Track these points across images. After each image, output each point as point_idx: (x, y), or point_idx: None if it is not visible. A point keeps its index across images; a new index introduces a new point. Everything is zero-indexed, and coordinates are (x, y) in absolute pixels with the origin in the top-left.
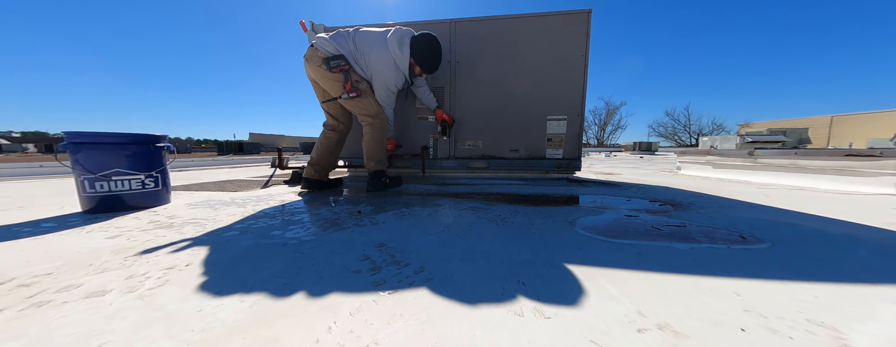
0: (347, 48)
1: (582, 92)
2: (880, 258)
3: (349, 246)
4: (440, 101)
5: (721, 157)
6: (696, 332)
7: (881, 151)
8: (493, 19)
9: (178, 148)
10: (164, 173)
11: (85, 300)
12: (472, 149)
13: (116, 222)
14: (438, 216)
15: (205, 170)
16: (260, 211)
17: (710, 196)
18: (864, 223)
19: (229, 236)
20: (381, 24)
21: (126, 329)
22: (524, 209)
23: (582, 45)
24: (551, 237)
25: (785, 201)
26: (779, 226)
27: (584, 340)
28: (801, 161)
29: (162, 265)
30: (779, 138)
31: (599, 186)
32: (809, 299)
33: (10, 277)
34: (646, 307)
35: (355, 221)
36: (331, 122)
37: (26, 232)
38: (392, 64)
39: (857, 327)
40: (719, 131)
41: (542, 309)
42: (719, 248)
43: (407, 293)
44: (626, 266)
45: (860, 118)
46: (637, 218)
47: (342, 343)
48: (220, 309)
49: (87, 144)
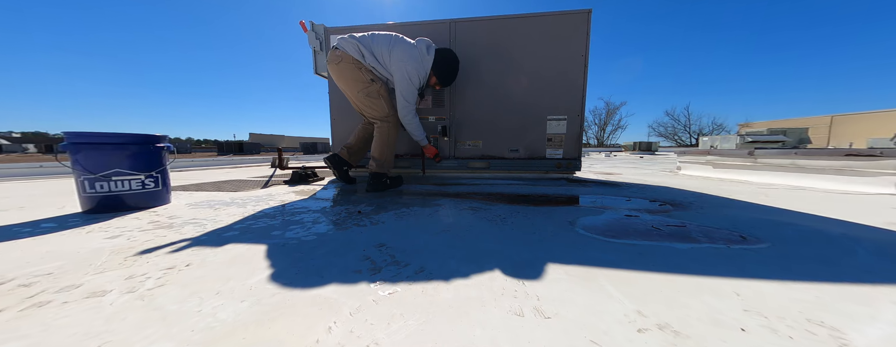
0: (369, 46)
1: (582, 92)
2: (880, 258)
3: (349, 246)
4: (440, 101)
5: (721, 157)
6: (696, 332)
7: (881, 151)
8: (493, 19)
9: (177, 148)
10: (164, 173)
11: (85, 300)
12: (472, 149)
13: (116, 222)
14: (438, 216)
15: (205, 170)
16: (260, 211)
17: (710, 196)
18: (864, 223)
19: (229, 236)
20: (381, 25)
21: (126, 329)
22: (524, 209)
23: (582, 45)
24: (551, 237)
25: (785, 201)
26: (779, 226)
27: (584, 340)
28: (801, 161)
29: (162, 265)
30: (779, 137)
31: (599, 186)
32: (809, 299)
33: (10, 277)
34: (646, 307)
35: (355, 221)
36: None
37: (26, 232)
38: (418, 56)
39: (857, 327)
40: (719, 130)
41: (542, 309)
42: (719, 248)
43: (407, 294)
44: (626, 266)
45: (860, 118)
46: (637, 218)
47: (342, 343)
48: (220, 309)
49: (87, 144)
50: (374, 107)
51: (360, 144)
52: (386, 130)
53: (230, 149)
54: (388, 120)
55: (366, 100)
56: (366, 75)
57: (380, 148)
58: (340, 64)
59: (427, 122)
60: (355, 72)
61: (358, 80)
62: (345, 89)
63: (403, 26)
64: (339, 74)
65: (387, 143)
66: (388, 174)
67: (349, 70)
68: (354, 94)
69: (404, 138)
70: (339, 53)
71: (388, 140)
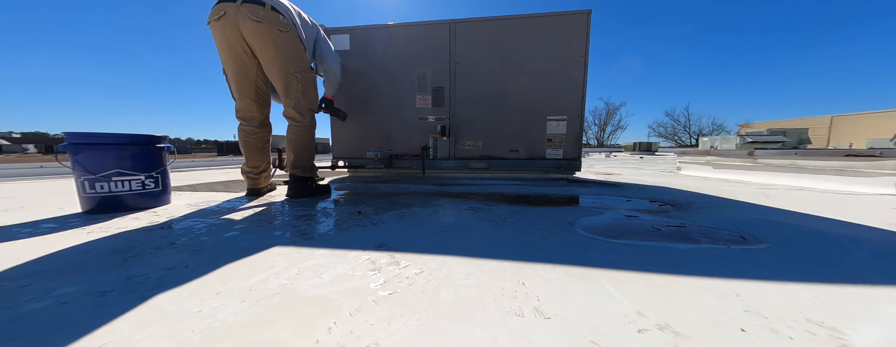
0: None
1: (582, 92)
2: (880, 259)
3: (349, 246)
4: (440, 101)
5: (721, 157)
6: (696, 332)
7: (881, 151)
8: (493, 20)
9: (178, 149)
10: (165, 173)
11: (85, 300)
12: (472, 149)
13: (117, 222)
14: (438, 217)
15: (205, 170)
16: (260, 212)
17: (710, 196)
18: (864, 223)
19: (229, 236)
20: (382, 26)
21: (126, 328)
22: (524, 210)
23: (582, 45)
24: (551, 237)
25: (785, 202)
26: (779, 226)
27: (584, 340)
28: (800, 161)
29: (162, 265)
30: (779, 138)
31: (599, 186)
32: (809, 299)
33: (10, 277)
34: (646, 307)
35: (355, 221)
36: (256, 115)
37: (26, 233)
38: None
39: (857, 327)
40: (719, 131)
41: (542, 309)
42: (719, 248)
43: (407, 294)
44: (626, 266)
45: (860, 118)
46: (637, 218)
47: (342, 343)
48: (220, 309)
49: (88, 144)
50: (309, 96)
51: (286, 152)
52: (310, 128)
53: (230, 149)
54: (311, 116)
55: (304, 85)
56: (307, 57)
57: (309, 152)
58: (288, 34)
59: (427, 122)
60: (300, 50)
61: (302, 58)
62: (278, 64)
63: (404, 27)
64: (280, 43)
65: (312, 144)
66: (315, 179)
67: (295, 46)
68: (290, 72)
69: (405, 138)
70: (286, 21)
71: (312, 141)
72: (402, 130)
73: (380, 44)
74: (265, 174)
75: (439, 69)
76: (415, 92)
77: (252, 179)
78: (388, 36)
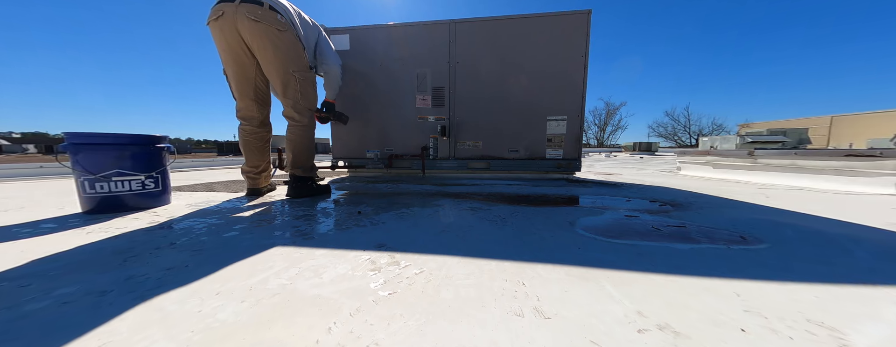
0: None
1: (582, 92)
2: (880, 259)
3: (349, 247)
4: (440, 101)
5: (721, 157)
6: (696, 332)
7: (881, 151)
8: (493, 20)
9: (178, 149)
10: (165, 173)
11: (85, 300)
12: (472, 149)
13: (116, 222)
14: (438, 217)
15: (205, 170)
16: (260, 212)
17: (709, 196)
18: (864, 223)
19: (229, 236)
20: (382, 26)
21: (126, 328)
22: (524, 210)
23: (582, 45)
24: (551, 237)
25: (785, 201)
26: (779, 226)
27: (584, 340)
28: (800, 161)
29: (162, 265)
30: (779, 138)
31: (599, 186)
32: (809, 299)
33: (10, 277)
34: (646, 307)
35: (355, 221)
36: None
37: (26, 233)
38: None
39: (857, 327)
40: (719, 131)
41: (542, 309)
42: (719, 248)
43: (407, 294)
44: (626, 267)
45: (860, 118)
46: (637, 219)
47: (342, 343)
48: (220, 309)
49: (88, 145)
50: (308, 96)
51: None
52: (310, 128)
53: (230, 149)
54: (310, 115)
55: (303, 85)
56: (306, 57)
57: (308, 151)
58: (286, 33)
59: (427, 122)
60: (299, 50)
61: (300, 58)
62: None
63: (404, 27)
64: (278, 43)
65: (311, 144)
66: (315, 179)
67: (293, 45)
68: (289, 71)
69: (405, 138)
70: (285, 21)
71: (312, 141)
72: (402, 130)
73: (380, 44)
74: (265, 174)
75: (439, 69)
76: (415, 92)
77: (252, 179)
78: (388, 36)
